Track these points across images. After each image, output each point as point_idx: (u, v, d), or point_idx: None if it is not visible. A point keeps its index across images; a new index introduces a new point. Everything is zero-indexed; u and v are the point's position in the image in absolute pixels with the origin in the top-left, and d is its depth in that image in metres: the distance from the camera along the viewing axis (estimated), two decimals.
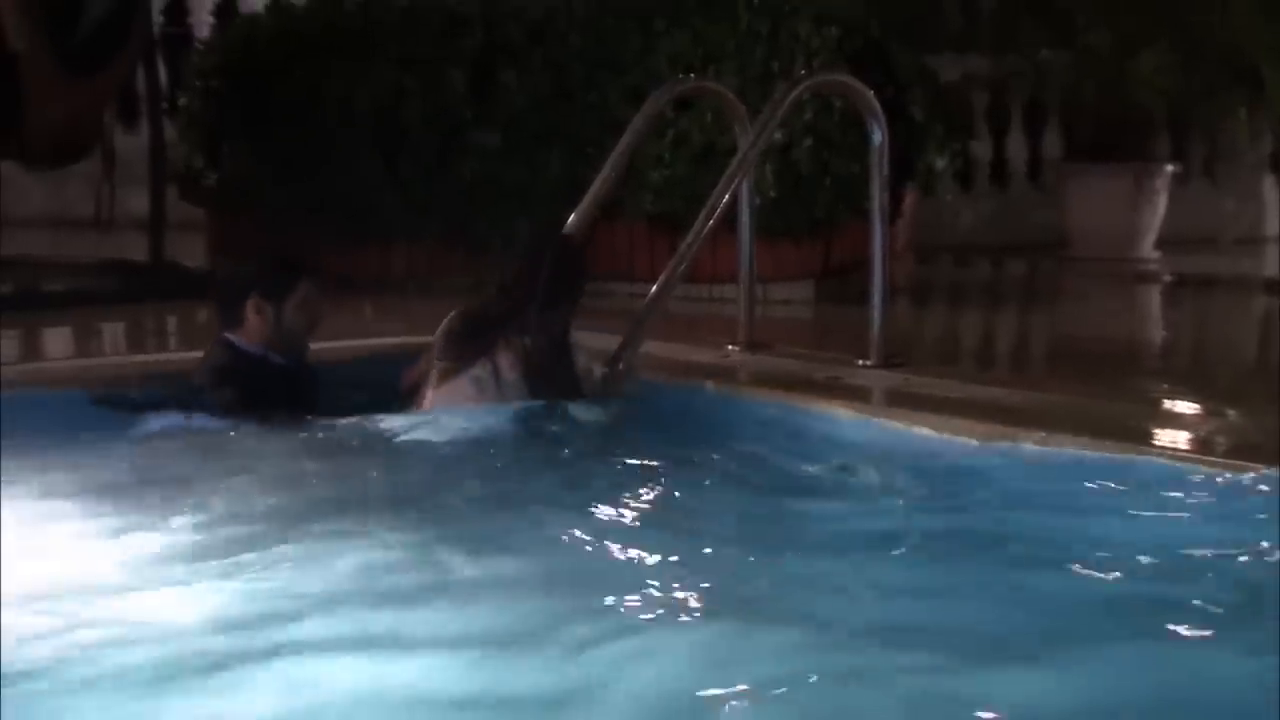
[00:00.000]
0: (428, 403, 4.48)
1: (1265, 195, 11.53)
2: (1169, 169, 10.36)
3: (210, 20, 10.77)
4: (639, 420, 4.54)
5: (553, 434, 4.34)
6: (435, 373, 4.49)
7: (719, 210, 5.08)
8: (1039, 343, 7.30)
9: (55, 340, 6.17)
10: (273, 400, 4.42)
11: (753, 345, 5.59)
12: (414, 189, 7.63)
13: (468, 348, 4.47)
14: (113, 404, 4.49)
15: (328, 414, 4.44)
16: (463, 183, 7.54)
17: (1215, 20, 9.82)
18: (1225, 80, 10.04)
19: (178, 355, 5.27)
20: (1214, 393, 4.90)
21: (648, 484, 3.89)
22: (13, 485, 3.68)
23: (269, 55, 8.05)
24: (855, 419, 4.32)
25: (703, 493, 3.84)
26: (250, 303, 4.47)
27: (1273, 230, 11.44)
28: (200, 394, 4.43)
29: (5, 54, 6.73)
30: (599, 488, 3.85)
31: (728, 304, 6.11)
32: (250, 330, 4.50)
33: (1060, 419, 4.07)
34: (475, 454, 4.18)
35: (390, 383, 4.69)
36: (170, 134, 8.37)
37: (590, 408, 4.53)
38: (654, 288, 5.02)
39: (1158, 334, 7.65)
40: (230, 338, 4.53)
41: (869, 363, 5.18)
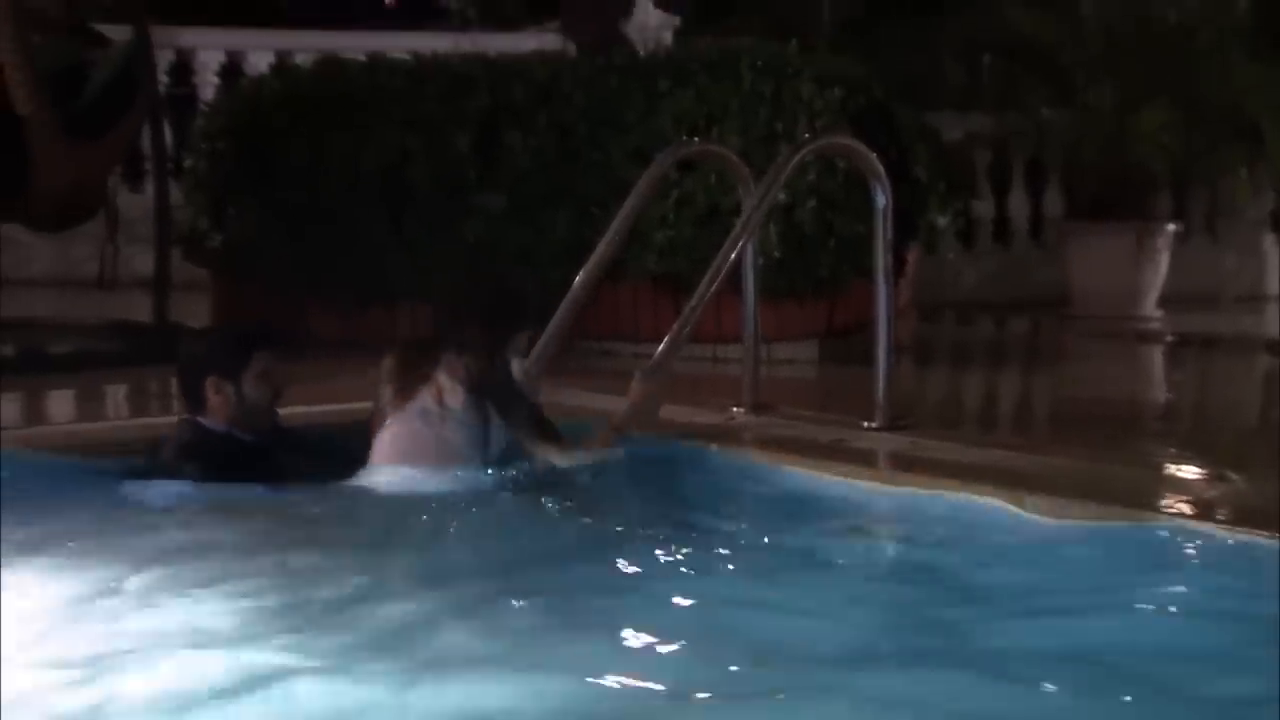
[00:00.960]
0: (381, 448, 4.47)
1: (1266, 253, 11.56)
2: (1170, 227, 10.38)
3: (215, 82, 10.83)
4: (642, 484, 4.53)
5: (544, 498, 4.33)
6: (380, 414, 4.49)
7: (723, 271, 5.09)
8: (1043, 404, 7.29)
9: (58, 403, 6.17)
10: (241, 477, 4.41)
11: (757, 407, 5.58)
12: (419, 250, 7.65)
13: (408, 379, 4.49)
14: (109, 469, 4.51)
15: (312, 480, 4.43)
16: (468, 244, 7.55)
17: (1215, 78, 9.89)
18: (1226, 137, 10.09)
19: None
20: (1217, 456, 4.89)
21: (651, 550, 3.87)
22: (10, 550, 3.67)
23: (274, 117, 8.09)
24: (862, 485, 4.32)
25: (703, 559, 3.82)
26: (209, 383, 4.49)
27: (1274, 288, 11.46)
28: (167, 473, 4.43)
29: (11, 118, 6.75)
30: (595, 554, 3.83)
31: (732, 364, 6.11)
32: (213, 410, 4.51)
33: (1066, 484, 4.07)
34: (464, 519, 4.17)
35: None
36: (175, 195, 8.40)
37: (587, 469, 4.53)
38: (659, 348, 5.02)
39: (1161, 395, 7.65)
40: (195, 419, 4.54)
41: (874, 425, 5.17)
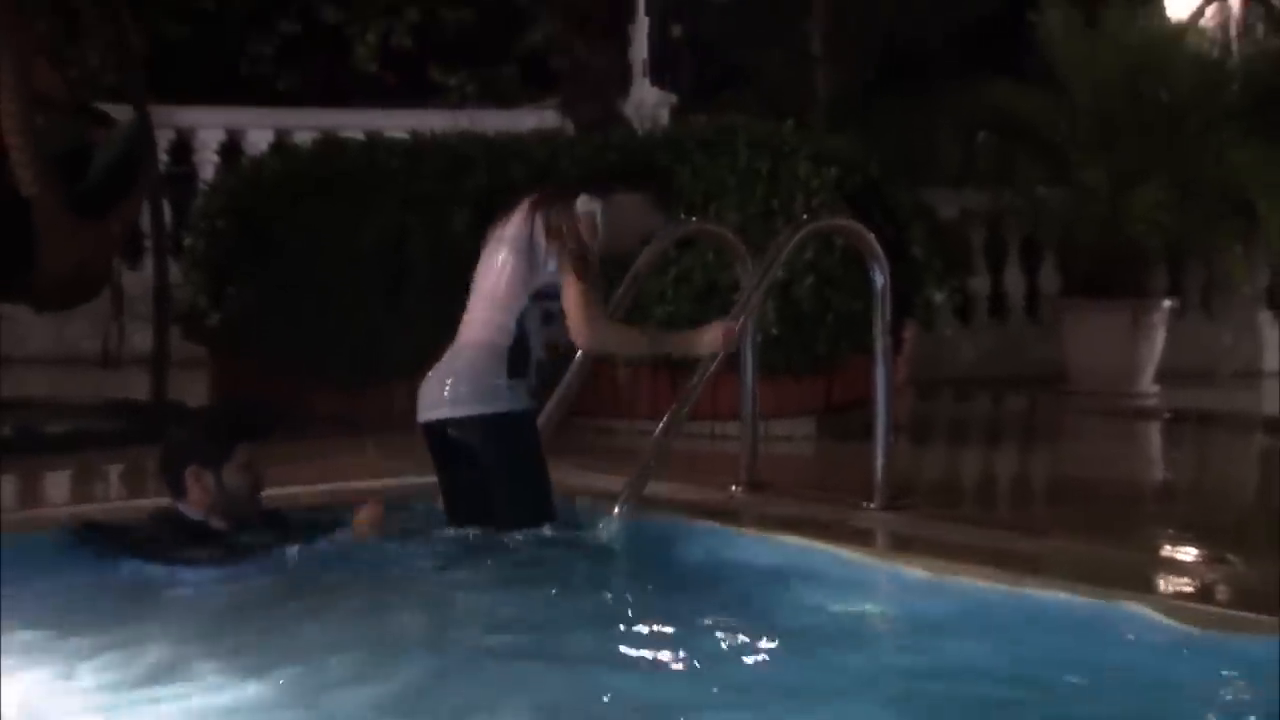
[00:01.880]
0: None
1: (1262, 329, 11.57)
2: (1166, 304, 10.41)
3: (215, 160, 10.89)
4: (641, 564, 4.53)
5: (538, 576, 4.33)
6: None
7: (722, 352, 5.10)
8: (1041, 483, 7.28)
9: (55, 484, 6.17)
10: (215, 563, 4.42)
11: (755, 485, 5.58)
12: (417, 328, 7.65)
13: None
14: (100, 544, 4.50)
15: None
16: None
17: (1209, 157, 9.95)
18: (1221, 214, 10.14)
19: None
20: (1215, 538, 4.89)
21: (645, 632, 3.86)
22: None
23: (273, 195, 8.13)
24: (862, 565, 4.31)
25: (701, 642, 3.81)
26: (189, 472, 4.51)
27: (1270, 365, 11.46)
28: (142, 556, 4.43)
29: (16, 199, 6.78)
30: (593, 634, 3.82)
31: (730, 441, 6.11)
32: (193, 499, 4.53)
33: (1065, 566, 4.07)
34: (457, 595, 4.17)
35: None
36: (174, 273, 8.42)
37: (588, 549, 4.54)
38: (659, 427, 5.03)
39: (1159, 474, 7.65)
40: (174, 506, 4.56)
41: (873, 505, 5.18)
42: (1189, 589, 4.00)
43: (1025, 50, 11.25)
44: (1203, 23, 11.14)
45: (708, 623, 3.94)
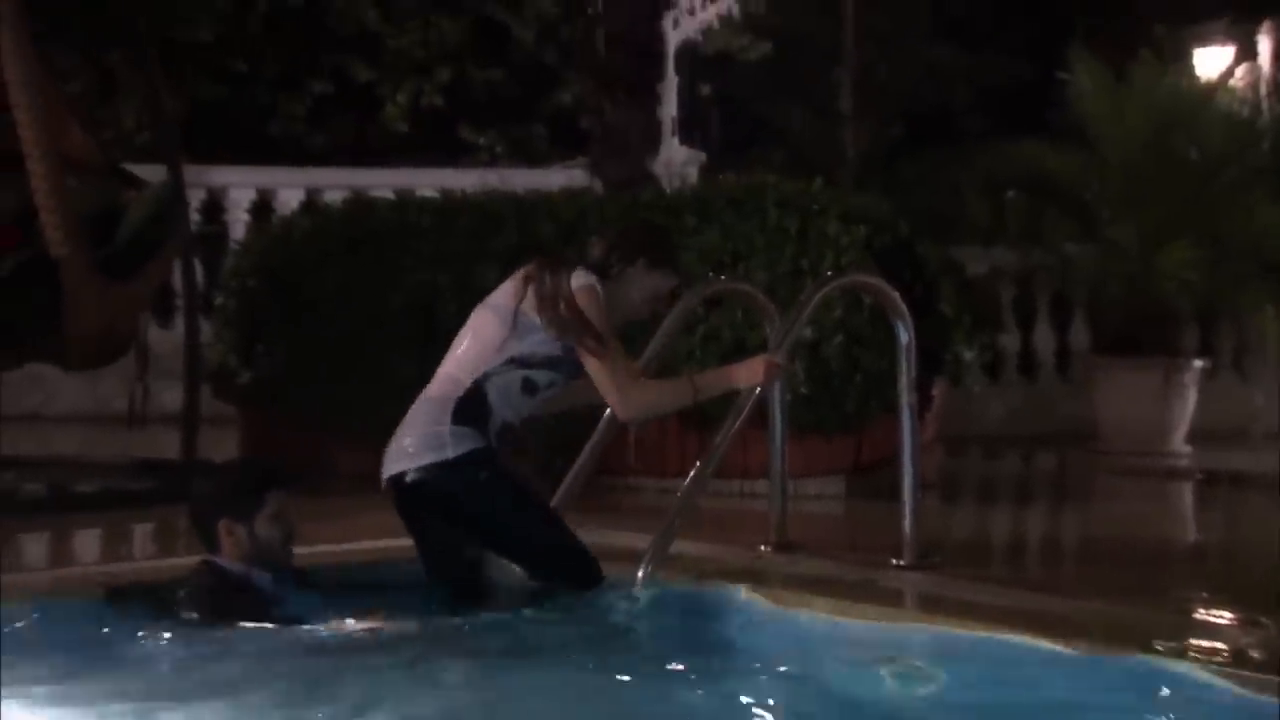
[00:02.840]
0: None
1: None
2: (1197, 363, 10.36)
3: (246, 219, 10.96)
4: (671, 626, 4.49)
5: (562, 639, 4.29)
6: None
7: (749, 407, 5.09)
8: (1072, 543, 7.23)
9: (85, 543, 6.17)
10: (258, 616, 4.40)
11: (784, 544, 5.56)
12: None
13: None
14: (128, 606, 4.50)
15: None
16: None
17: (1240, 216, 9.93)
18: (1252, 274, 10.10)
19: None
20: (1248, 600, 4.84)
21: (675, 698, 3.81)
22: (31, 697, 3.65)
23: (304, 254, 8.17)
24: (893, 626, 4.27)
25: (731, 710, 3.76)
26: (221, 525, 4.50)
27: None
28: (185, 615, 4.42)
29: (46, 260, 6.84)
30: (620, 700, 3.78)
31: (759, 499, 6.09)
32: (227, 551, 4.52)
33: (1097, 627, 4.03)
34: (487, 661, 4.14)
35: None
36: (205, 332, 8.46)
37: (612, 610, 4.51)
38: (685, 484, 5.01)
39: (1191, 535, 7.58)
40: (212, 560, 4.55)
41: (902, 563, 5.15)
42: (1222, 651, 3.95)
43: (1054, 107, 11.27)
44: (1232, 82, 11.15)
45: (732, 685, 3.89)
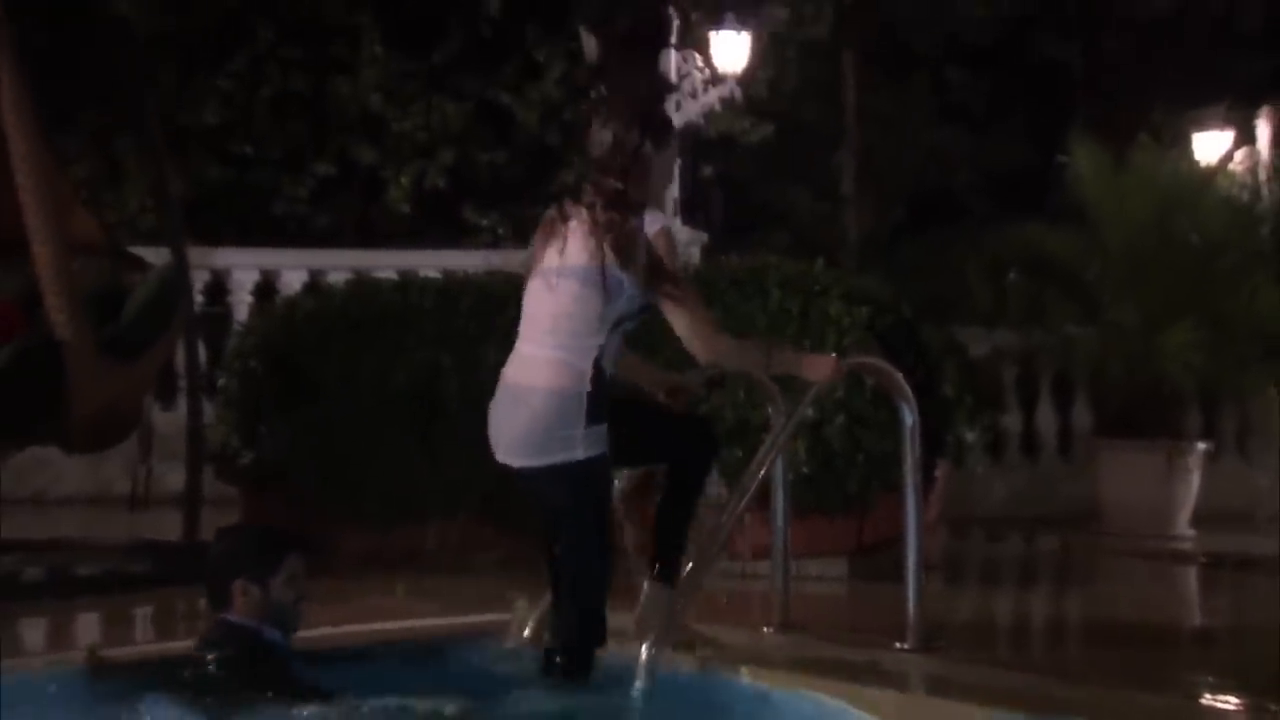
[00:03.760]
0: None
1: None
2: (1201, 446, 10.35)
3: (249, 300, 10.99)
4: (673, 711, 4.46)
5: None
6: None
7: (753, 488, 5.09)
8: (1077, 626, 7.19)
9: (86, 626, 6.15)
10: (270, 675, 4.42)
11: (787, 625, 5.54)
12: (448, 466, 7.66)
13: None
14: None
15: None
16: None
17: (1241, 299, 9.96)
18: (1255, 356, 10.12)
19: None
20: (1255, 686, 4.81)
21: None
22: None
23: (306, 335, 8.18)
24: (895, 710, 4.25)
25: None
26: (237, 585, 4.51)
27: None
28: (199, 671, 4.43)
29: (49, 342, 6.85)
30: None
31: (761, 580, 6.07)
32: (239, 609, 4.53)
33: (1103, 712, 4.00)
34: None
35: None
36: (208, 413, 8.46)
37: (615, 693, 4.48)
38: (689, 566, 5.00)
39: (1196, 619, 7.54)
40: (225, 617, 4.56)
41: (906, 646, 5.12)
42: None
43: (1055, 191, 11.34)
44: (1231, 166, 11.22)
45: None
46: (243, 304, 11.01)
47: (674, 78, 13.49)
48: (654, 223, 4.58)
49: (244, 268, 11.30)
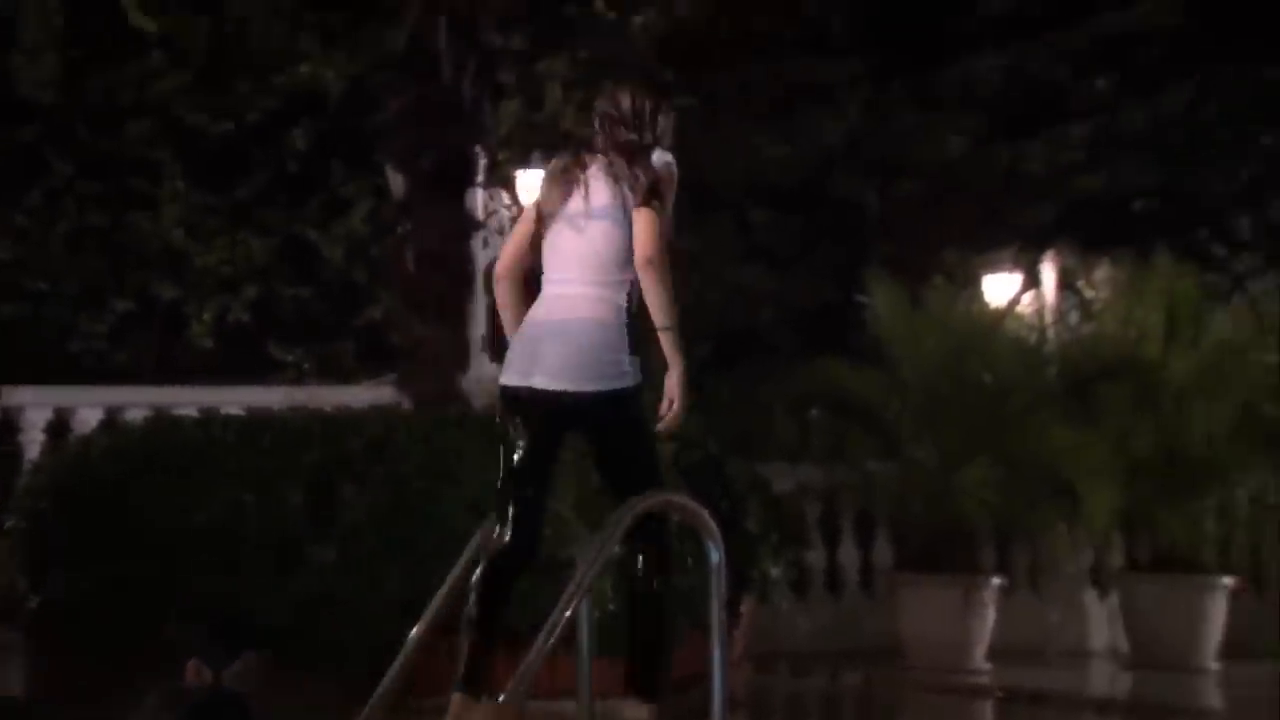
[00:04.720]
0: None
1: (1088, 608, 11.76)
2: (995, 581, 10.57)
3: (41, 439, 10.66)
4: None
5: None
6: None
7: (559, 628, 5.05)
8: None
9: None
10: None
11: None
12: (252, 607, 7.49)
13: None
14: None
15: None
16: (299, 599, 7.43)
17: (1032, 438, 10.25)
18: (1045, 495, 10.39)
19: None
20: None
21: None
22: None
23: (102, 474, 7.97)
24: None
25: None
26: (191, 664, 4.62)
27: (1096, 643, 11.62)
28: None
29: None
30: None
31: None
32: (190, 678, 4.65)
33: None
34: None
35: None
36: None
37: None
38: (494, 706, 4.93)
39: None
40: (175, 682, 4.61)
41: None
42: None
43: (855, 329, 11.58)
44: (1020, 308, 11.60)
45: None
46: (35, 443, 10.69)
47: (481, 215, 13.57)
48: (659, 157, 5.03)
49: (37, 406, 10.97)
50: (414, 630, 5.15)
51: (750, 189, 17.43)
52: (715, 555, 5.29)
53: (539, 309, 5.03)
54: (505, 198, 15.08)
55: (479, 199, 13.29)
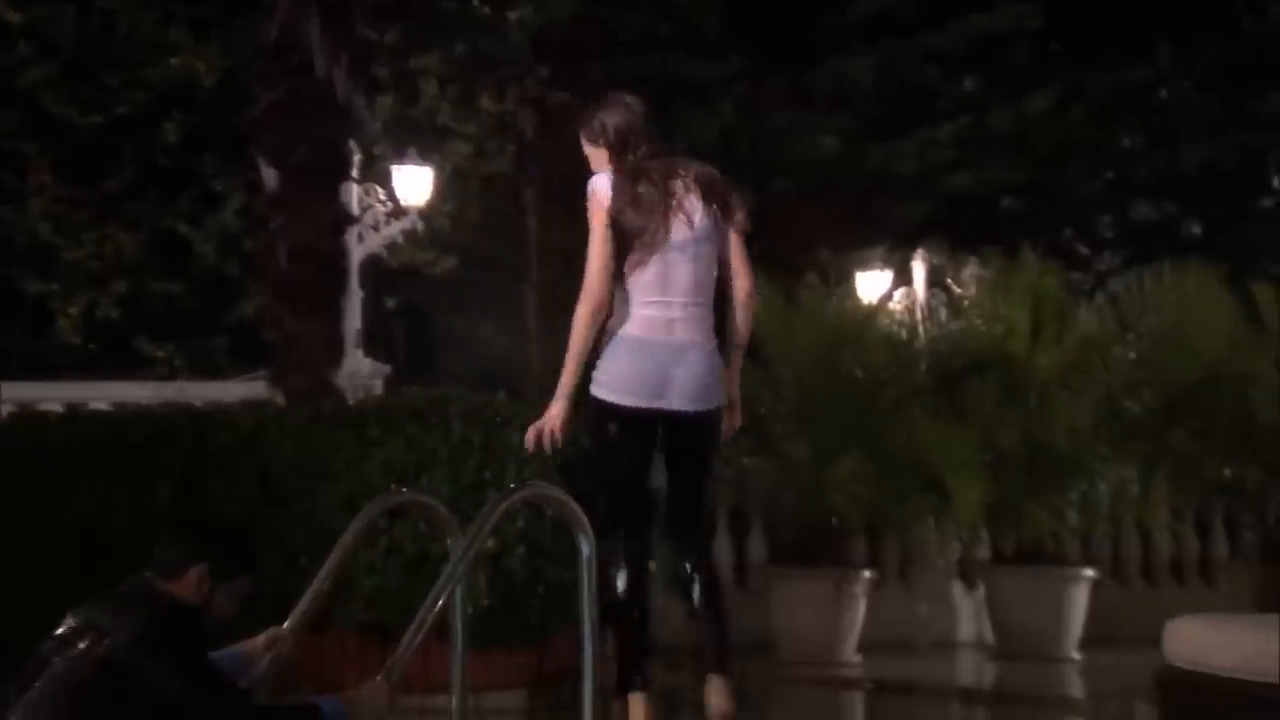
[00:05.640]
0: None
1: (955, 600, 11.94)
2: (866, 574, 10.71)
3: None
4: None
5: None
6: None
7: (430, 620, 5.05)
8: None
9: None
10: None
11: None
12: None
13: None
14: None
15: None
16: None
17: (901, 433, 10.40)
18: (914, 489, 10.55)
19: None
20: None
21: None
22: None
23: None
24: None
25: None
26: (197, 570, 4.49)
27: (964, 635, 11.81)
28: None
29: None
30: None
31: (440, 715, 6.01)
32: (183, 589, 4.48)
33: None
34: None
35: None
36: None
37: None
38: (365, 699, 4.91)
39: None
40: (171, 594, 4.46)
41: None
42: None
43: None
44: (891, 305, 11.76)
45: None
46: None
47: (356, 210, 13.50)
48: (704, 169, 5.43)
49: None
50: (285, 625, 5.11)
51: None
52: (585, 548, 5.32)
53: (655, 331, 5.24)
54: (380, 193, 15.05)
55: (354, 193, 13.26)
